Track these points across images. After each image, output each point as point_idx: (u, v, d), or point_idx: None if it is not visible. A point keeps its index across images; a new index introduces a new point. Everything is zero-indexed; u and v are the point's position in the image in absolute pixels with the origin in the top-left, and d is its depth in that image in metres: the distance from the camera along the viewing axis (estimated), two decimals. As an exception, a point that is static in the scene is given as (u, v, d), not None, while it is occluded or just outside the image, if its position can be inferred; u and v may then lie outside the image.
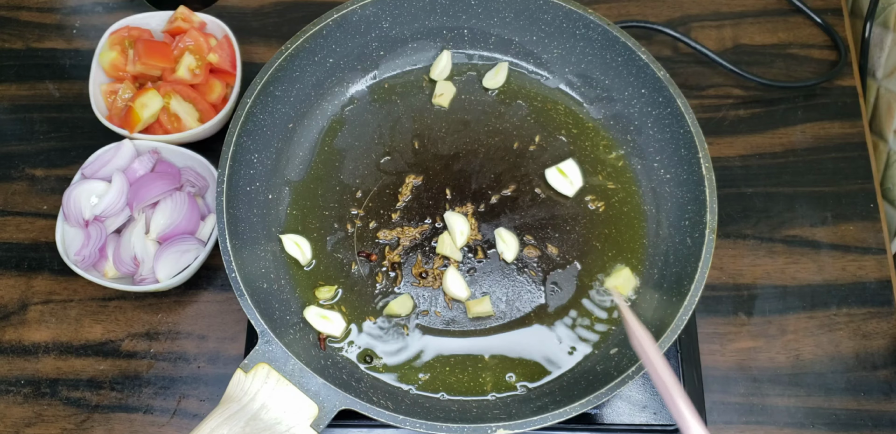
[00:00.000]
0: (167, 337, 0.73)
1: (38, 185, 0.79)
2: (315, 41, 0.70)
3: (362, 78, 0.77)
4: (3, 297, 0.74)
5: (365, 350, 0.67)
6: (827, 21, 0.85)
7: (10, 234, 0.77)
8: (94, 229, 0.69)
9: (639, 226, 0.71)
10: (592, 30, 0.71)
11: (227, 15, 0.86)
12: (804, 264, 0.75)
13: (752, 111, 0.82)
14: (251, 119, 0.68)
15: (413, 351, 0.67)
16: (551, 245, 0.71)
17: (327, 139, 0.74)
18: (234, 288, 0.61)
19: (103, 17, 0.87)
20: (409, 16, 0.74)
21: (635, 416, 0.67)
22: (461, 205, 0.72)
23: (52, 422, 0.70)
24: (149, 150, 0.74)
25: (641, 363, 0.59)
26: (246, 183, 0.68)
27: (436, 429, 0.58)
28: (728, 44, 0.85)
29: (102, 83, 0.77)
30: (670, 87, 0.68)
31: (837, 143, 0.81)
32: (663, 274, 0.68)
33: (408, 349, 0.67)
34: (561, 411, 0.58)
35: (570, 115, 0.76)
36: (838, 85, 0.83)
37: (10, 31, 0.87)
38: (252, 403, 0.58)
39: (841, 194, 0.78)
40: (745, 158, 0.80)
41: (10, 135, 0.81)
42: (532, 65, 0.77)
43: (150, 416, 0.70)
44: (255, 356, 0.60)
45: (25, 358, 0.72)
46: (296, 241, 0.69)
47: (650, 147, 0.72)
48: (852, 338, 0.72)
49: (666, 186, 0.71)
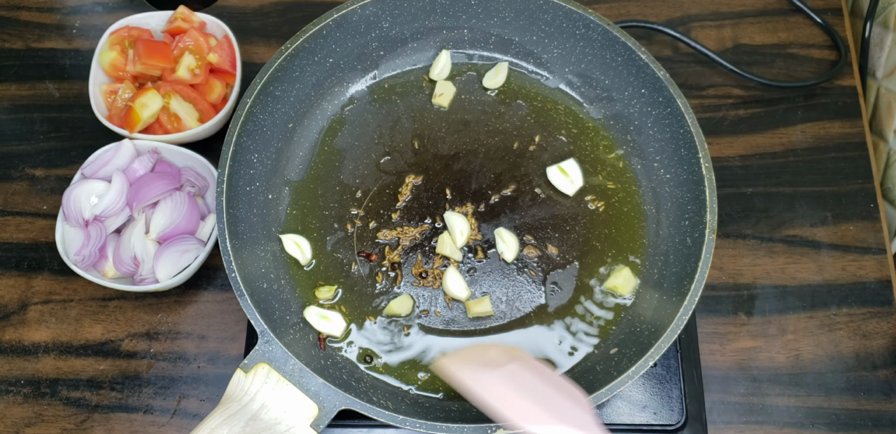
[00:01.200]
0: (167, 337, 0.73)
1: (38, 185, 0.79)
2: (315, 41, 0.70)
3: (362, 78, 0.77)
4: (3, 297, 0.74)
5: (365, 350, 0.67)
6: (827, 21, 0.85)
7: (10, 234, 0.77)
8: (94, 229, 0.69)
9: (639, 226, 0.71)
10: (592, 30, 0.71)
11: (227, 15, 0.86)
12: (804, 264, 0.75)
13: (752, 111, 0.82)
14: (251, 119, 0.68)
15: (413, 351, 0.67)
16: (551, 245, 0.71)
17: (327, 139, 0.74)
18: (234, 288, 0.61)
19: (103, 17, 0.87)
20: (408, 16, 0.74)
21: (635, 416, 0.67)
22: (461, 205, 0.72)
23: (52, 422, 0.70)
24: (149, 150, 0.74)
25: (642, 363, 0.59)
26: (246, 183, 0.68)
27: (436, 429, 0.58)
28: (728, 44, 0.85)
29: (102, 83, 0.77)
30: (670, 86, 0.68)
31: (837, 142, 0.81)
32: (663, 274, 0.68)
33: (408, 349, 0.67)
34: (561, 411, 0.58)
35: (570, 115, 0.76)
36: (838, 85, 0.83)
37: (10, 30, 0.87)
38: (252, 403, 0.58)
39: (841, 194, 0.78)
40: (745, 158, 0.80)
41: (10, 135, 0.81)
42: (532, 65, 0.77)
43: (151, 416, 0.70)
44: (255, 356, 0.60)
45: (25, 358, 0.72)
46: (296, 241, 0.69)
47: (650, 147, 0.72)
48: (852, 338, 0.72)
49: (666, 186, 0.71)
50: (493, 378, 0.50)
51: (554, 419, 0.48)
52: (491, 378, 0.50)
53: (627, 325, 0.67)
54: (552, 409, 0.49)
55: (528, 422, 0.48)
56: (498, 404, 0.49)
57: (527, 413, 0.48)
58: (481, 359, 0.53)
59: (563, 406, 0.50)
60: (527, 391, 0.50)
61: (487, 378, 0.50)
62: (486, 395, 0.49)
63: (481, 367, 0.52)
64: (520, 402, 0.49)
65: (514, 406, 0.49)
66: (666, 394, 0.68)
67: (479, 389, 0.50)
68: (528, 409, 0.49)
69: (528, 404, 0.49)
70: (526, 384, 0.51)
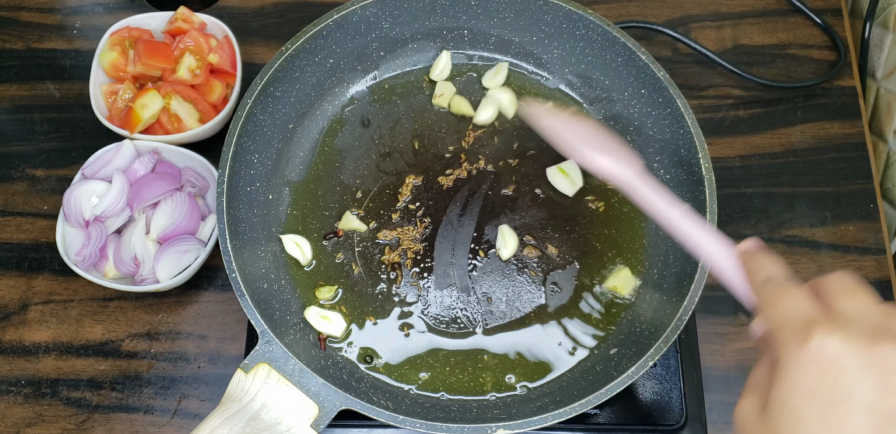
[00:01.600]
0: (168, 337, 0.73)
1: (39, 186, 0.79)
2: (315, 42, 0.70)
3: (362, 78, 0.77)
4: (4, 298, 0.74)
5: (365, 350, 0.67)
6: (827, 21, 0.86)
7: (10, 235, 0.77)
8: (94, 229, 0.70)
9: (639, 226, 0.71)
10: (592, 30, 0.71)
11: (228, 15, 0.86)
12: (804, 264, 0.75)
13: (752, 111, 0.82)
14: (251, 119, 0.68)
15: (413, 351, 0.67)
16: (551, 245, 0.71)
17: (327, 139, 0.75)
18: (235, 288, 0.61)
19: (104, 18, 0.87)
20: (409, 16, 0.74)
21: (635, 417, 0.67)
22: (461, 206, 0.72)
23: (53, 422, 0.70)
24: (149, 150, 0.74)
25: (642, 363, 0.59)
26: (246, 183, 0.68)
27: (436, 429, 0.58)
28: (728, 44, 0.85)
29: (103, 83, 0.77)
30: (670, 87, 0.68)
31: (837, 143, 0.81)
32: (663, 274, 0.68)
33: (408, 349, 0.67)
34: (561, 411, 0.58)
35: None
36: (838, 85, 0.83)
37: (10, 31, 0.87)
38: (252, 403, 0.58)
39: (841, 194, 0.78)
40: (744, 159, 0.80)
41: (11, 135, 0.82)
42: (532, 65, 0.77)
43: (151, 416, 0.70)
44: (256, 356, 0.60)
45: (26, 358, 0.72)
46: (296, 242, 0.69)
47: (650, 147, 0.72)
48: (852, 338, 0.72)
49: (666, 187, 0.71)
50: (573, 126, 0.63)
51: (619, 160, 0.58)
52: (571, 125, 0.63)
53: (627, 326, 0.67)
54: (617, 155, 0.59)
55: (600, 156, 0.59)
56: (576, 141, 0.61)
57: (600, 149, 0.60)
58: (562, 117, 0.64)
59: (624, 156, 0.59)
60: (599, 139, 0.61)
61: (568, 125, 0.63)
62: (567, 135, 0.62)
63: (563, 119, 0.64)
64: (595, 142, 0.61)
65: (591, 144, 0.60)
66: (666, 394, 0.68)
67: (563, 131, 0.62)
68: (601, 148, 0.60)
69: (600, 145, 0.60)
70: (597, 136, 0.62)
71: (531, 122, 0.65)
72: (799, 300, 0.40)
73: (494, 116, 0.75)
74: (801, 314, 0.39)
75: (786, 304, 0.40)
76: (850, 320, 0.37)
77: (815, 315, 0.38)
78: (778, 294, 0.41)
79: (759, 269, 0.45)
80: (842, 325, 0.37)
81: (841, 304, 0.39)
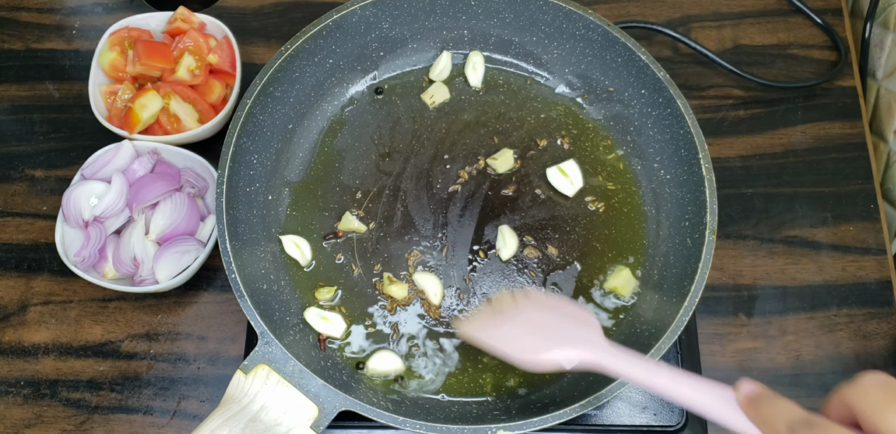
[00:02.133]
0: (167, 338, 0.73)
1: (38, 186, 0.79)
2: (315, 42, 0.70)
3: (362, 78, 0.77)
4: (3, 298, 0.74)
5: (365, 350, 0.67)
6: (827, 21, 0.85)
7: (9, 235, 0.77)
8: (93, 230, 0.69)
9: (639, 226, 0.71)
10: (592, 30, 0.71)
11: (227, 15, 0.86)
12: (804, 265, 0.75)
13: (752, 111, 0.82)
14: (251, 120, 0.68)
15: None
16: (551, 246, 0.71)
17: (327, 140, 0.74)
18: (234, 289, 0.61)
19: (103, 18, 0.87)
20: (408, 16, 0.74)
21: (635, 418, 0.67)
22: (461, 207, 0.72)
23: (52, 423, 0.70)
24: (148, 150, 0.74)
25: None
26: (246, 184, 0.68)
27: (436, 430, 0.58)
28: (728, 44, 0.85)
29: (102, 84, 0.77)
30: (670, 87, 0.68)
31: (837, 143, 0.81)
32: (663, 275, 0.68)
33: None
34: (561, 412, 0.58)
35: (570, 115, 0.76)
36: (838, 85, 0.83)
37: (9, 31, 0.86)
38: (252, 404, 0.58)
39: (841, 195, 0.78)
40: (745, 159, 0.80)
41: (10, 135, 0.81)
42: (532, 65, 0.77)
43: (150, 417, 0.70)
44: (255, 357, 0.60)
45: (25, 359, 0.72)
46: (296, 242, 0.69)
47: (650, 148, 0.72)
48: (852, 338, 0.72)
49: (666, 187, 0.71)
50: (507, 330, 0.56)
51: (565, 345, 0.53)
52: (505, 331, 0.56)
53: (627, 326, 0.67)
54: (563, 338, 0.54)
55: (542, 353, 0.53)
56: (513, 351, 0.54)
57: (540, 347, 0.54)
58: (494, 316, 0.58)
59: (574, 333, 0.55)
60: (538, 330, 0.56)
61: (501, 332, 0.56)
62: (504, 347, 0.55)
63: (495, 324, 0.57)
64: (533, 341, 0.54)
65: (529, 346, 0.54)
66: (666, 395, 0.68)
67: (498, 344, 0.55)
68: (542, 344, 0.54)
69: (540, 341, 0.54)
70: (536, 324, 0.56)
71: (471, 342, 0.57)
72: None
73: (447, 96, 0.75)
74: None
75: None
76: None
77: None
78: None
79: (775, 418, 0.40)
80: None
81: (887, 423, 0.34)
